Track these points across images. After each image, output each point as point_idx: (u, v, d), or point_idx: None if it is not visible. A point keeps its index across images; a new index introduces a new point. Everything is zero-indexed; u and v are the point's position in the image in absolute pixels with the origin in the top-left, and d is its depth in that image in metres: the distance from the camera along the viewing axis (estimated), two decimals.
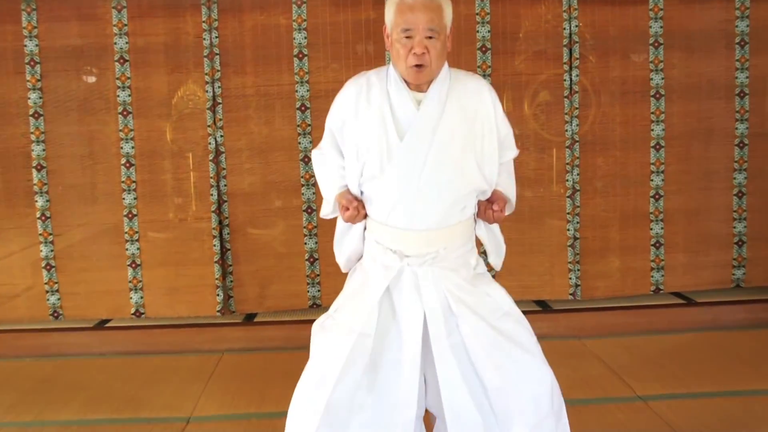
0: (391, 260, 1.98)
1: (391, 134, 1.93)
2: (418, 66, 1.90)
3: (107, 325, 3.63)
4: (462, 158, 1.95)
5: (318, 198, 3.56)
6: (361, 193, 2.03)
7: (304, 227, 3.61)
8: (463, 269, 2.01)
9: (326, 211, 2.12)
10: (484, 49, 3.58)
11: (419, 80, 1.93)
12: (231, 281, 3.63)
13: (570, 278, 3.66)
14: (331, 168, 2.07)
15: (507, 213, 2.08)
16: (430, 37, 1.89)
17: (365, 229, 2.06)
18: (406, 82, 1.95)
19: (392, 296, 1.99)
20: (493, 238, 2.11)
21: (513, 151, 2.11)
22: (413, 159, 1.93)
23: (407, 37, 1.90)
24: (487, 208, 2.02)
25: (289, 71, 3.54)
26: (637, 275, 3.69)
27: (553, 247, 3.68)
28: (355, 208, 2.00)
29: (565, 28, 3.60)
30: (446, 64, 1.97)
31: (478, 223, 2.09)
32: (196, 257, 3.58)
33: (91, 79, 3.52)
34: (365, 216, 2.04)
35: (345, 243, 2.11)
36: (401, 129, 1.93)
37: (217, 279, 3.57)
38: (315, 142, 3.54)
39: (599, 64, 3.62)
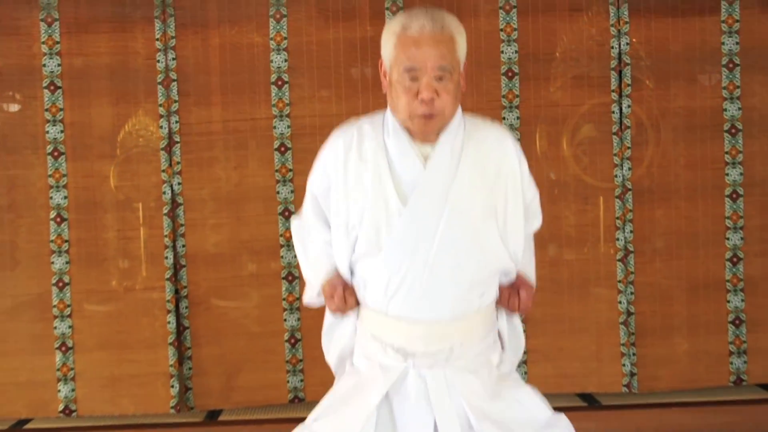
0: (392, 360, 1.93)
1: (390, 199, 1.89)
2: (427, 116, 1.85)
3: (27, 426, 3.42)
4: (482, 229, 1.91)
5: None
6: (352, 273, 1.98)
7: (284, 299, 3.44)
8: (483, 370, 1.96)
9: (310, 297, 2.07)
10: (510, 74, 3.44)
11: (428, 132, 1.88)
12: (189, 369, 3.44)
13: (623, 365, 3.52)
14: (316, 244, 2.03)
15: None
16: (441, 78, 1.84)
17: (358, 319, 2.02)
18: (408, 130, 1.91)
19: (392, 406, 1.93)
20: (514, 332, 2.07)
21: (538, 220, 2.09)
22: (420, 231, 1.88)
23: (412, 79, 1.84)
24: (511, 295, 1.99)
25: (265, 102, 3.41)
26: (711, 361, 3.58)
27: (601, 325, 3.54)
28: (341, 297, 1.96)
29: (613, 46, 3.47)
30: (460, 109, 1.93)
31: (499, 313, 2.04)
32: (145, 338, 3.43)
33: (13, 109, 3.38)
34: (357, 304, 1.99)
35: (336, 337, 2.06)
36: (404, 192, 1.89)
37: (171, 366, 3.39)
38: (298, 191, 3.42)
39: (658, 91, 3.52)
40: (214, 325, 3.45)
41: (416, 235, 1.88)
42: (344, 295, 1.97)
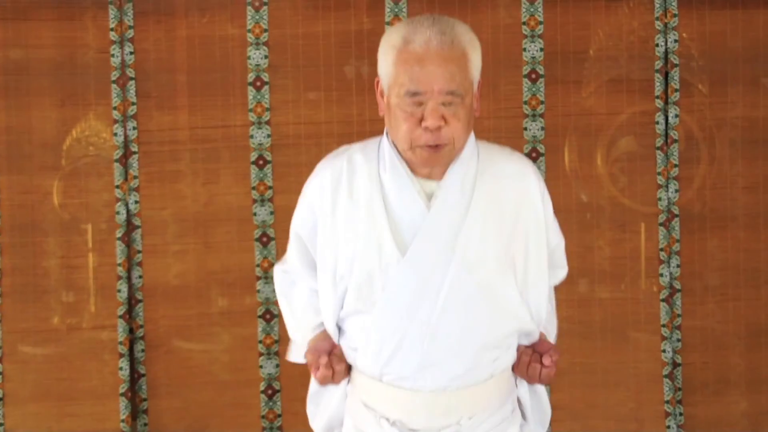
0: None
1: (386, 246, 1.87)
2: (433, 147, 1.82)
3: None
4: (497, 285, 1.90)
5: None
6: (342, 331, 1.98)
7: (260, 342, 3.37)
8: None
9: (296, 357, 2.08)
10: (533, 75, 3.38)
11: (434, 165, 1.86)
12: (145, 425, 3.40)
13: (668, 427, 3.45)
14: (302, 296, 2.05)
15: None
16: (450, 103, 1.80)
17: (349, 383, 2.02)
18: (409, 163, 1.89)
19: None
20: (537, 402, 2.06)
21: (563, 271, 2.10)
22: (421, 286, 1.87)
23: (415, 104, 1.81)
24: (532, 360, 1.95)
25: (241, 106, 3.34)
26: None
27: (641, 377, 3.45)
28: (328, 365, 1.94)
29: (658, 44, 3.39)
30: (473, 136, 1.91)
31: (519, 379, 2.03)
32: (92, 387, 3.33)
33: None
34: (348, 371, 1.98)
35: (324, 403, 2.06)
36: (402, 238, 1.87)
37: (123, 422, 3.33)
38: (278, 212, 3.41)
39: (712, 98, 3.46)
40: (176, 373, 3.39)
41: (416, 290, 1.87)
42: (330, 363, 1.95)
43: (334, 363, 1.94)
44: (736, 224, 3.45)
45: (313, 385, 2.07)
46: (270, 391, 3.38)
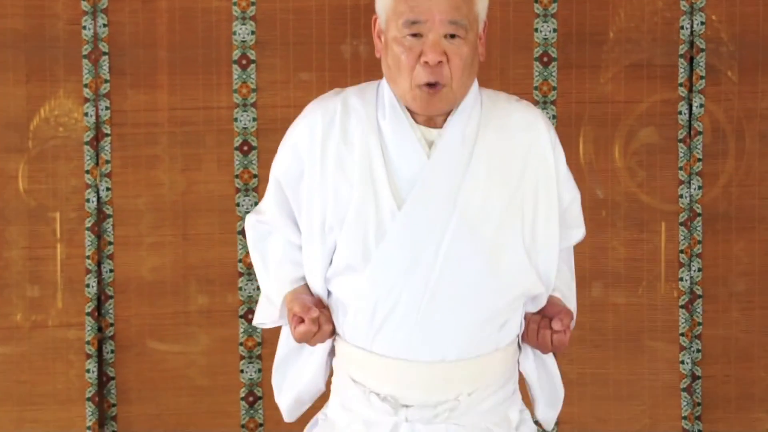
0: (379, 412, 1.93)
1: (383, 198, 1.87)
2: (431, 85, 1.83)
3: None
4: (502, 242, 1.89)
5: None
6: (329, 294, 1.96)
7: (242, 344, 3.34)
8: (499, 430, 1.95)
9: (266, 316, 2.06)
10: (545, 59, 3.34)
11: (432, 109, 1.87)
12: None
13: None
14: (278, 246, 2.02)
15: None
16: (453, 36, 1.82)
17: (332, 354, 2.01)
18: (408, 108, 1.90)
19: None
20: (547, 376, 2.07)
21: (580, 230, 2.07)
22: (419, 242, 1.86)
23: (414, 35, 1.82)
24: (542, 326, 1.94)
25: (225, 86, 3.30)
26: None
27: (657, 391, 3.41)
28: (315, 321, 1.89)
29: (683, 26, 3.34)
30: (476, 84, 1.92)
31: (524, 352, 2.02)
32: (56, 390, 3.28)
33: None
34: (332, 334, 1.97)
35: (292, 372, 2.07)
36: (400, 190, 1.88)
37: (89, 428, 3.29)
38: None
39: (742, 87, 3.41)
40: (148, 376, 3.34)
41: (414, 247, 1.86)
42: (320, 319, 1.91)
43: (323, 321, 1.90)
44: (764, 225, 3.44)
45: (282, 350, 2.07)
46: (251, 398, 3.36)
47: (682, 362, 3.41)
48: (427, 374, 1.90)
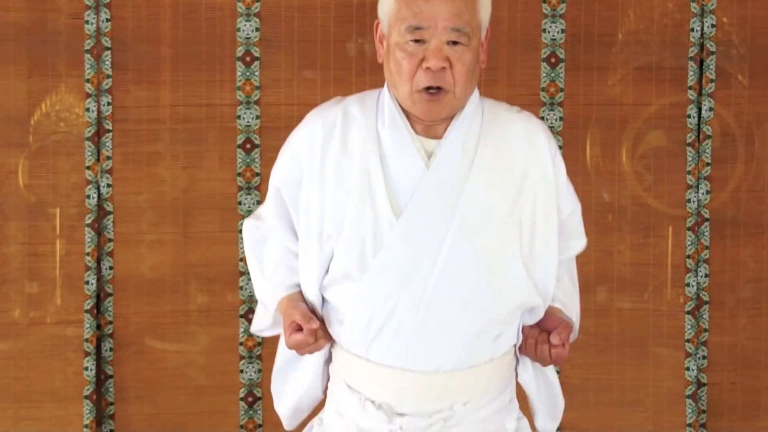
0: (374, 420, 1.94)
1: (381, 207, 1.89)
2: (432, 90, 1.84)
3: None
4: (500, 253, 1.91)
5: None
6: (324, 301, 1.97)
7: (241, 344, 3.34)
8: None
9: (262, 323, 2.08)
10: (553, 60, 3.34)
11: (433, 114, 1.88)
12: (111, 430, 3.36)
13: None
14: (275, 253, 2.03)
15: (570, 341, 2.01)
16: (456, 43, 1.83)
17: (329, 361, 2.02)
18: (409, 118, 1.92)
19: None
20: (546, 388, 2.07)
21: (580, 241, 2.07)
22: (417, 252, 1.88)
23: (416, 41, 1.83)
24: (540, 341, 1.95)
25: (228, 83, 3.31)
26: None
27: (662, 397, 3.42)
28: (312, 332, 1.90)
29: (693, 28, 3.35)
30: (477, 92, 1.93)
31: (522, 363, 2.03)
32: (54, 387, 3.30)
33: None
34: (328, 341, 1.97)
35: (291, 380, 2.08)
36: (398, 199, 1.89)
37: (87, 427, 3.29)
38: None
39: (752, 90, 3.42)
40: (147, 375, 3.36)
41: (411, 256, 1.87)
42: (316, 330, 1.92)
43: (320, 335, 1.91)
44: None
45: (281, 357, 2.08)
46: (251, 399, 3.36)
47: (688, 369, 3.40)
48: (422, 383, 1.91)
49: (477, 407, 1.95)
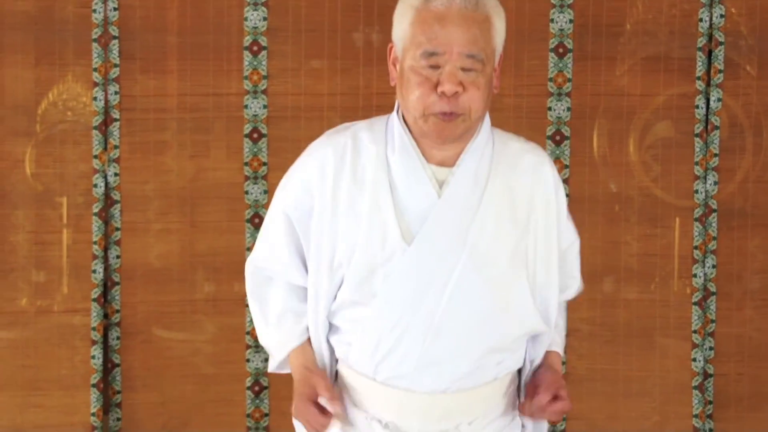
0: None
1: (390, 234, 1.88)
2: (447, 115, 1.83)
3: None
4: (509, 282, 1.92)
5: None
6: (331, 327, 1.98)
7: (248, 333, 3.35)
8: None
9: (279, 366, 2.06)
10: (561, 50, 3.34)
11: (446, 136, 1.86)
12: (118, 419, 3.37)
13: None
14: (279, 298, 2.01)
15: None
16: (470, 69, 1.82)
17: (335, 378, 2.03)
18: (419, 145, 1.91)
19: None
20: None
21: (575, 283, 2.08)
22: (427, 279, 1.88)
23: (432, 67, 1.82)
24: (541, 398, 1.93)
25: (235, 73, 3.31)
26: None
27: (668, 388, 3.43)
28: (317, 420, 1.91)
29: (702, 19, 3.35)
30: (488, 121, 1.94)
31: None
32: (61, 375, 3.31)
33: None
34: (338, 406, 1.94)
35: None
36: (409, 227, 1.89)
37: (93, 415, 3.31)
38: (272, 191, 3.31)
39: (762, 81, 3.42)
40: (154, 363, 3.36)
41: (421, 283, 1.87)
42: (318, 420, 1.91)
43: (320, 420, 1.89)
44: None
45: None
46: (257, 388, 3.37)
47: (694, 360, 3.41)
48: (428, 404, 1.92)
49: (481, 426, 1.96)
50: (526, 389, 2.01)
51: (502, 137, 1.97)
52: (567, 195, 2.27)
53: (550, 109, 3.33)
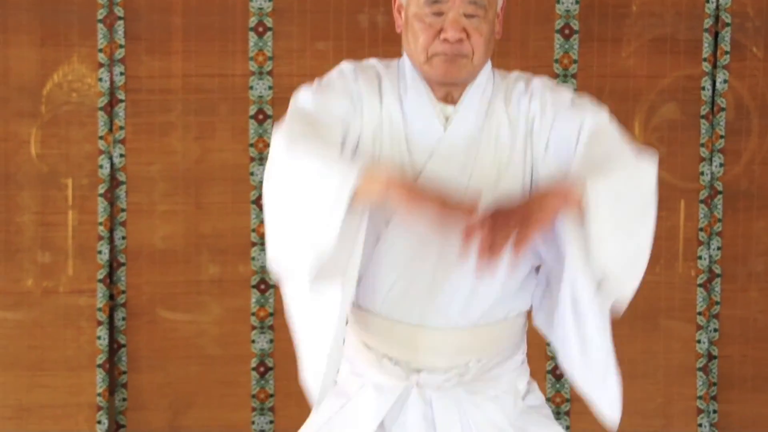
0: (390, 377, 1.95)
1: (403, 168, 1.90)
2: (450, 56, 1.85)
3: None
4: None
5: None
6: None
7: (253, 314, 3.36)
8: (507, 398, 1.98)
9: (345, 196, 1.78)
10: (567, 31, 3.36)
11: (450, 75, 1.88)
12: (123, 400, 3.39)
13: (700, 425, 3.44)
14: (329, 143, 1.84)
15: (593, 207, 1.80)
16: (473, 15, 1.85)
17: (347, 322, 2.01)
18: (427, 82, 1.92)
19: None
20: (594, 340, 2.01)
21: (592, 113, 1.94)
22: None
23: (435, 14, 1.85)
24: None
25: (241, 54, 3.32)
26: None
27: (672, 370, 3.44)
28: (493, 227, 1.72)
29: (708, 0, 3.36)
30: (489, 63, 1.95)
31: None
32: (67, 356, 3.33)
33: None
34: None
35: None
36: (417, 158, 1.90)
37: (99, 395, 3.32)
38: None
39: None
40: (159, 344, 3.38)
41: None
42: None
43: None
44: None
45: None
46: (262, 369, 3.38)
47: (699, 341, 3.42)
48: (439, 340, 1.92)
49: (491, 365, 1.97)
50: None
51: (502, 74, 2.00)
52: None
53: None
